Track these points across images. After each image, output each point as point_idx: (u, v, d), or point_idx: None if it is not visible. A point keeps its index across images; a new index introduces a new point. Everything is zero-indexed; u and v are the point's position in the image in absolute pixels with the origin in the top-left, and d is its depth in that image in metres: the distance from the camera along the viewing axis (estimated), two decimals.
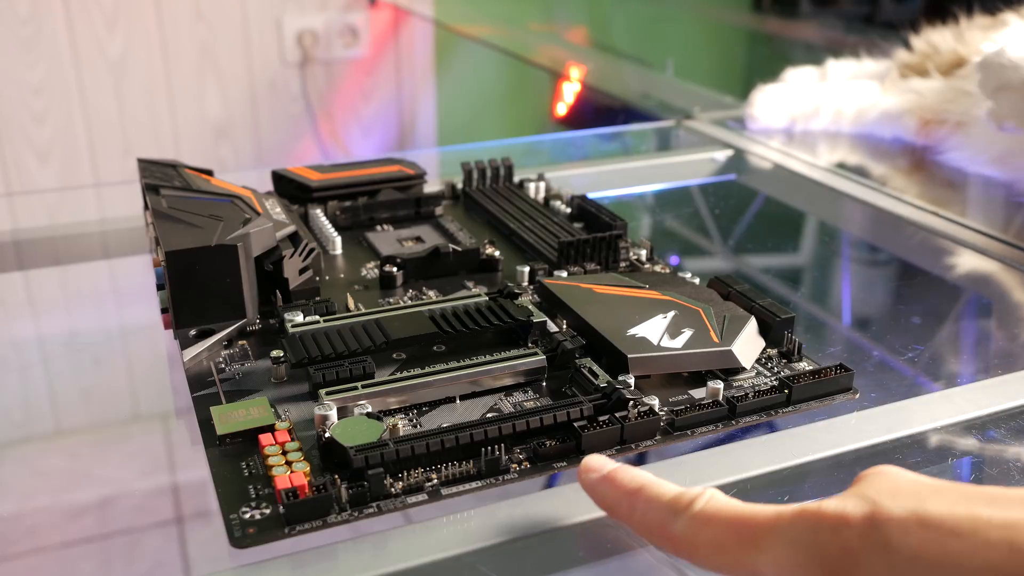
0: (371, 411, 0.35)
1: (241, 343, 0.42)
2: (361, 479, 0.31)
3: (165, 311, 0.41)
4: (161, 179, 0.48)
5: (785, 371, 0.39)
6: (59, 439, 0.43)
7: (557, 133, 0.92)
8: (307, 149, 1.47)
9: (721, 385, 0.37)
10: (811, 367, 0.39)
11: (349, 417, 0.35)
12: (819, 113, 0.79)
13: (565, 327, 0.41)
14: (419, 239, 0.53)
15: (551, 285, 0.44)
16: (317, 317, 0.41)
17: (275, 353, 0.39)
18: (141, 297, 0.51)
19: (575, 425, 0.34)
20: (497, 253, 0.49)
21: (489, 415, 0.36)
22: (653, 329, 0.39)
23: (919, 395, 0.40)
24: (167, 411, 0.44)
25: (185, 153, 1.37)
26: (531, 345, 0.40)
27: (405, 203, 0.56)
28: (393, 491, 0.32)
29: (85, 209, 0.69)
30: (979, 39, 0.72)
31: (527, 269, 0.48)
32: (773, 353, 0.41)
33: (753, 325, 0.41)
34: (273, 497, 0.31)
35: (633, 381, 0.37)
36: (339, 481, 0.31)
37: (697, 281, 0.46)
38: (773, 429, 0.37)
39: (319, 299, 0.44)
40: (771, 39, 1.37)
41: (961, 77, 0.70)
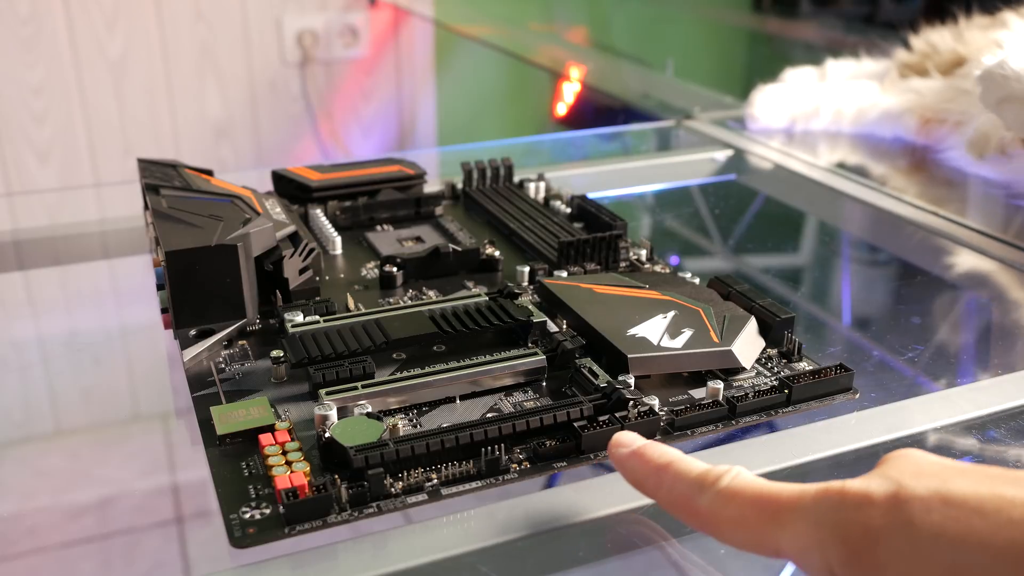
0: (371, 411, 0.35)
1: (241, 343, 0.42)
2: (361, 479, 0.31)
3: (165, 311, 0.41)
4: (161, 179, 0.48)
5: (785, 371, 0.39)
6: (59, 439, 0.43)
7: (557, 133, 0.92)
8: (307, 149, 1.47)
9: (721, 385, 0.37)
10: (811, 367, 0.39)
11: (349, 417, 0.35)
12: (819, 113, 0.79)
13: (565, 327, 0.41)
14: (419, 239, 0.53)
15: (551, 285, 0.44)
16: (317, 317, 0.41)
17: (275, 353, 0.39)
18: (141, 297, 0.51)
19: (575, 425, 0.34)
20: (497, 253, 0.49)
21: (489, 415, 0.36)
22: (653, 329, 0.39)
23: (919, 395, 0.40)
24: (167, 411, 0.44)
25: (185, 153, 1.37)
26: (531, 345, 0.40)
27: (405, 203, 0.56)
28: (393, 491, 0.32)
29: (85, 209, 0.69)
30: (978, 39, 0.72)
31: (527, 269, 0.48)
32: (773, 353, 0.41)
33: (753, 325, 0.41)
34: (273, 497, 0.31)
35: (633, 381, 0.37)
36: (339, 481, 0.31)
37: (697, 281, 0.46)
38: (773, 429, 0.37)
39: (319, 299, 0.44)
40: (771, 39, 1.37)
41: (961, 76, 0.70)
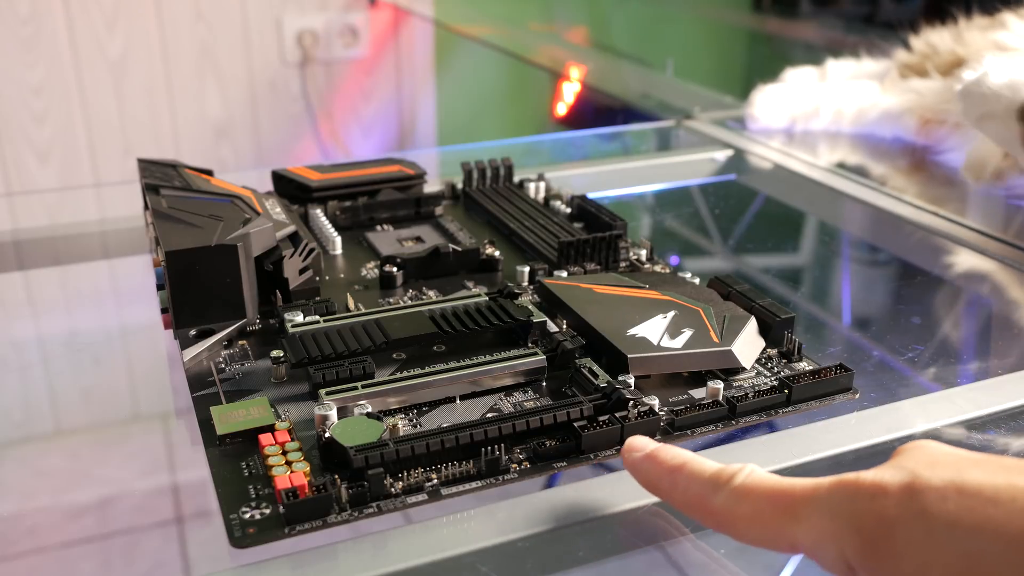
0: (371, 411, 0.35)
1: (241, 343, 0.42)
2: (361, 479, 0.31)
3: (165, 311, 0.41)
4: (161, 179, 0.48)
5: (785, 371, 0.39)
6: (59, 439, 0.43)
7: (557, 133, 0.92)
8: (307, 149, 1.47)
9: (721, 385, 0.37)
10: (811, 367, 0.39)
11: (349, 417, 0.35)
12: (819, 113, 0.79)
13: (565, 327, 0.41)
14: (419, 239, 0.53)
15: (551, 285, 0.44)
16: (317, 317, 0.41)
17: (275, 353, 0.39)
18: (141, 297, 0.51)
19: (575, 425, 0.34)
20: (497, 253, 0.49)
21: (489, 415, 0.36)
22: (653, 329, 0.39)
23: (919, 395, 0.40)
24: (167, 411, 0.44)
25: (185, 153, 1.37)
26: (531, 345, 0.40)
27: (405, 203, 0.56)
28: (393, 491, 0.32)
29: (85, 209, 0.69)
30: (978, 40, 0.72)
31: (527, 269, 0.48)
32: (773, 353, 0.41)
33: (753, 325, 0.41)
34: (273, 497, 0.31)
35: (633, 381, 0.37)
36: (339, 481, 0.31)
37: (697, 281, 0.46)
38: (773, 429, 0.37)
39: (319, 299, 0.44)
40: (771, 39, 1.37)
41: (960, 77, 0.70)
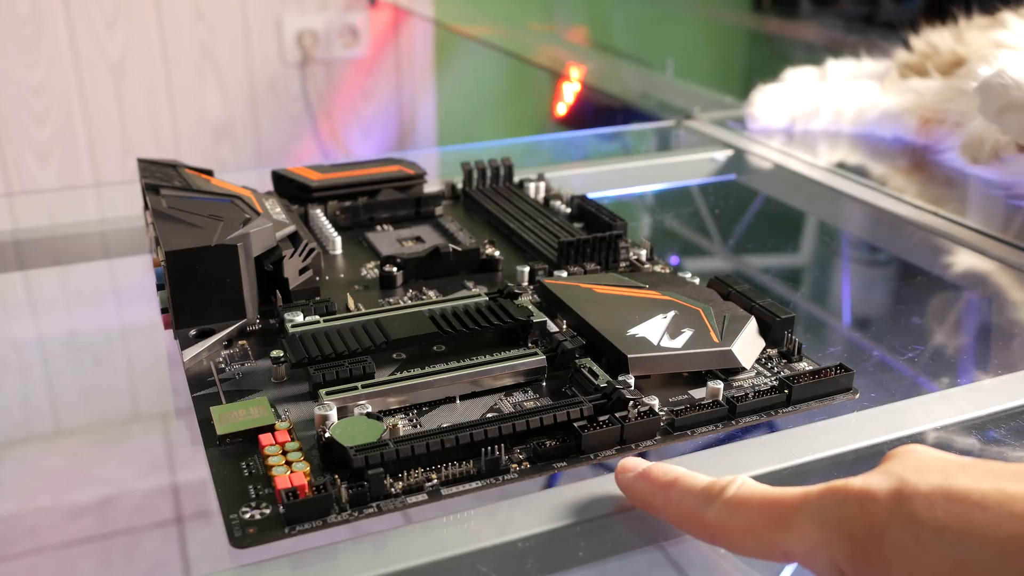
0: (371, 411, 0.35)
1: (241, 343, 0.42)
2: (361, 479, 0.31)
3: (165, 311, 0.41)
4: (161, 179, 0.48)
5: (785, 371, 0.39)
6: (59, 439, 0.43)
7: (557, 133, 0.92)
8: (307, 149, 1.47)
9: (721, 385, 0.37)
10: (811, 367, 0.39)
11: (349, 417, 0.35)
12: (819, 113, 0.79)
13: (565, 327, 0.41)
14: (419, 239, 0.53)
15: (551, 285, 0.44)
16: (317, 317, 0.41)
17: (275, 353, 0.39)
18: (141, 297, 0.51)
19: (575, 425, 0.34)
20: (497, 253, 0.49)
21: (489, 415, 0.36)
22: (653, 329, 0.39)
23: (919, 395, 0.40)
24: (167, 411, 0.44)
25: (185, 153, 1.37)
26: (531, 345, 0.40)
27: (405, 203, 0.56)
28: (393, 491, 0.32)
29: (85, 209, 0.69)
30: (978, 39, 0.72)
31: (527, 269, 0.48)
32: (773, 353, 0.41)
33: (753, 325, 0.41)
34: (273, 497, 0.31)
35: (633, 381, 0.37)
36: (339, 481, 0.31)
37: (697, 281, 0.46)
38: (773, 429, 0.37)
39: (319, 299, 0.44)
40: (771, 39, 1.37)
41: (960, 77, 0.70)
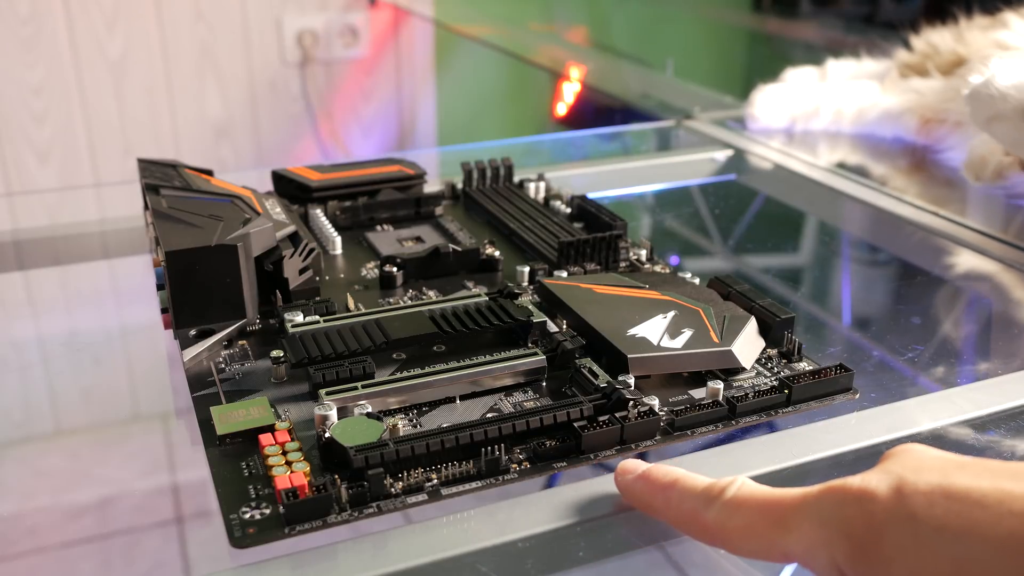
0: (371, 411, 0.35)
1: (241, 343, 0.42)
2: (361, 479, 0.31)
3: (165, 311, 0.41)
4: (161, 179, 0.48)
5: (785, 371, 0.39)
6: (59, 439, 0.43)
7: (557, 133, 0.92)
8: (307, 149, 1.47)
9: (721, 385, 0.37)
10: (811, 367, 0.39)
11: (349, 417, 0.35)
12: (819, 113, 0.79)
13: (565, 327, 0.41)
14: (419, 239, 0.53)
15: (551, 285, 0.44)
16: (317, 317, 0.41)
17: (275, 353, 0.39)
18: (141, 297, 0.51)
19: (575, 425, 0.34)
20: (497, 253, 0.49)
21: (489, 415, 0.36)
22: (653, 329, 0.39)
23: (919, 395, 0.40)
24: (167, 411, 0.44)
25: (185, 153, 1.37)
26: (531, 345, 0.40)
27: (405, 203, 0.56)
28: (393, 491, 0.32)
29: (85, 209, 0.69)
30: (979, 39, 0.72)
31: (527, 269, 0.48)
32: (773, 353, 0.40)
33: (753, 325, 0.41)
34: (273, 497, 0.31)
35: (633, 381, 0.37)
36: (339, 481, 0.31)
37: (697, 281, 0.46)
38: (773, 429, 0.37)
39: (319, 299, 0.44)
40: (771, 39, 1.38)
41: (961, 77, 0.70)
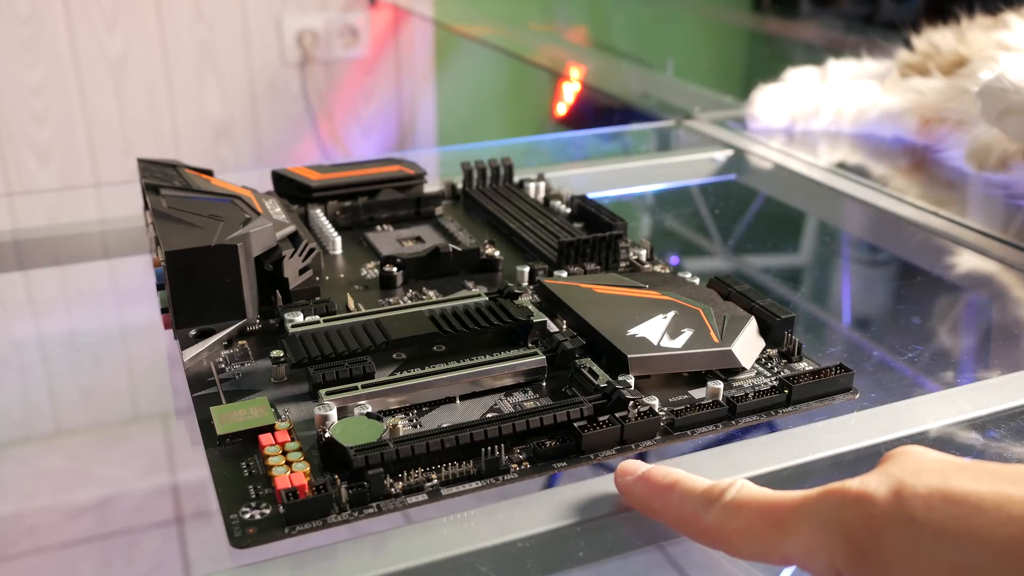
0: (371, 411, 0.35)
1: (241, 343, 0.42)
2: (361, 479, 0.31)
3: (165, 311, 0.41)
4: (161, 179, 0.48)
5: (785, 371, 0.39)
6: (59, 439, 0.43)
7: (557, 133, 0.92)
8: (307, 149, 1.47)
9: (721, 385, 0.37)
10: (811, 367, 0.39)
11: (349, 417, 0.35)
12: (819, 113, 0.79)
13: (565, 327, 0.41)
14: (419, 239, 0.53)
15: (551, 285, 0.44)
16: (317, 317, 0.41)
17: (275, 353, 0.39)
18: (141, 297, 0.51)
19: (575, 425, 0.34)
20: (497, 253, 0.49)
21: (489, 415, 0.36)
22: (653, 329, 0.39)
23: (919, 395, 0.40)
24: (167, 411, 0.44)
25: (185, 153, 1.37)
26: (531, 345, 0.40)
27: (405, 203, 0.56)
28: (393, 491, 0.32)
29: (85, 209, 0.69)
30: (980, 39, 0.72)
31: (527, 269, 0.48)
32: (773, 353, 0.40)
33: (753, 325, 0.41)
34: (273, 497, 0.31)
35: (633, 381, 0.37)
36: (339, 481, 0.31)
37: (697, 281, 0.46)
38: (773, 429, 0.37)
39: (319, 299, 0.44)
40: (771, 39, 1.37)
41: (962, 76, 0.70)
